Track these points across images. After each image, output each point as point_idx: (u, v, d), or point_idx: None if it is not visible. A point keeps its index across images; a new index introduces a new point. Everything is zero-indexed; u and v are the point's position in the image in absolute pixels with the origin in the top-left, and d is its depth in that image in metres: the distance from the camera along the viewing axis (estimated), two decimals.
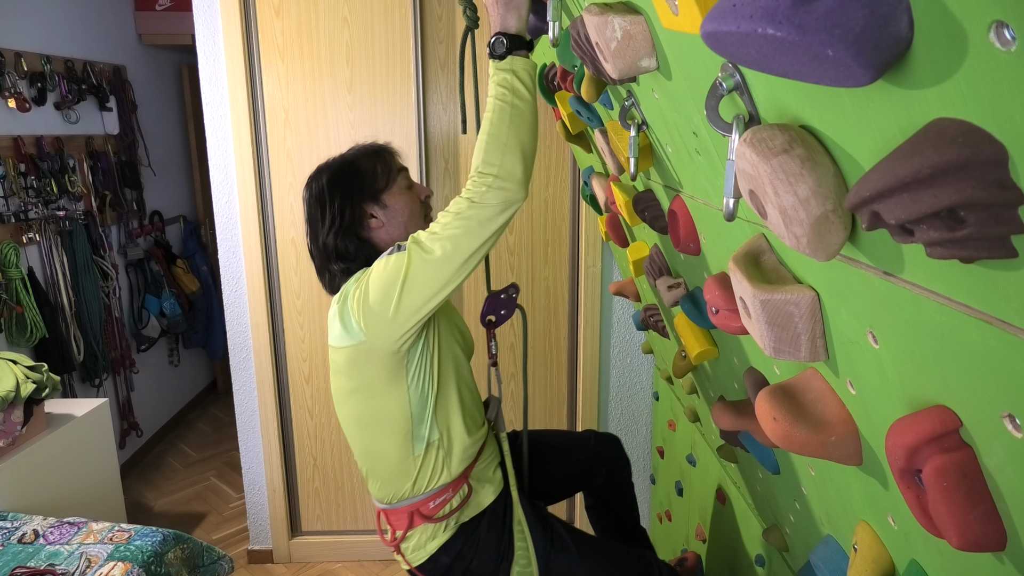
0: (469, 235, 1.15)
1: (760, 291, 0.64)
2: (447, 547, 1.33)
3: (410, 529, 1.33)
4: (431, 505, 1.31)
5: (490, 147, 1.14)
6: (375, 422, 1.30)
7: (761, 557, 1.43)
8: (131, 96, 3.43)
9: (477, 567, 1.33)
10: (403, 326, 1.19)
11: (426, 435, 1.29)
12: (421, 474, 1.31)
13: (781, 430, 0.66)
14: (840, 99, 0.46)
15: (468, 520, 1.34)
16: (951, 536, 0.48)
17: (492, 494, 1.37)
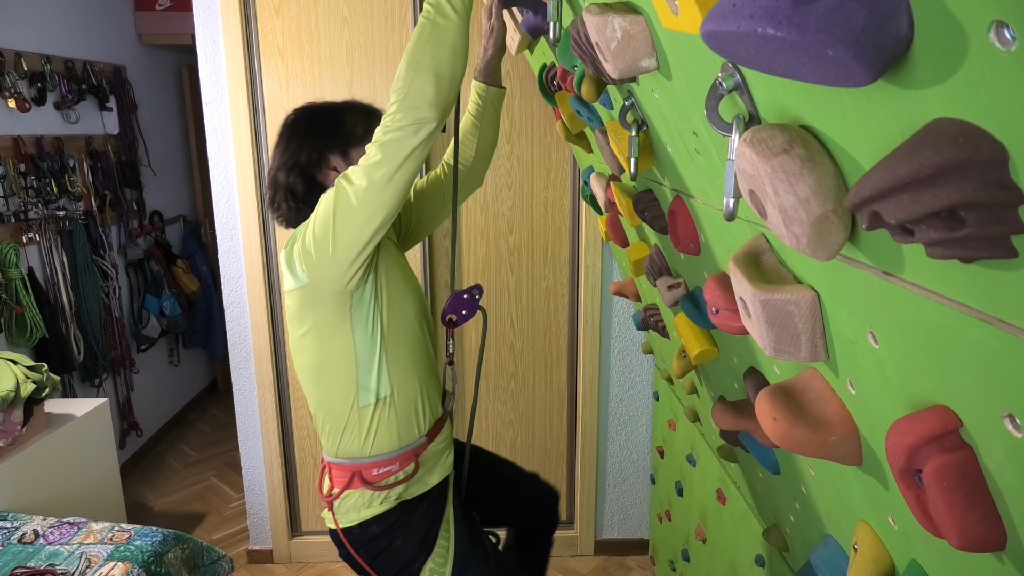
0: (386, 161, 1.15)
1: (760, 291, 0.64)
2: (381, 518, 1.33)
3: (347, 489, 1.33)
4: (375, 472, 1.31)
5: (404, 66, 1.15)
6: (324, 368, 1.30)
7: (761, 557, 1.43)
8: (131, 96, 3.43)
9: (400, 547, 1.33)
10: (343, 262, 1.19)
11: (374, 387, 1.29)
12: (370, 432, 1.31)
13: (781, 430, 0.66)
14: (840, 99, 0.46)
15: (410, 499, 1.35)
16: (951, 536, 0.48)
17: (439, 477, 1.38)
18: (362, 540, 1.34)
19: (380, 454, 1.32)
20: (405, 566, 1.33)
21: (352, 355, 1.28)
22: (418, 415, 1.34)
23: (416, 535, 1.33)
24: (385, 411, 1.31)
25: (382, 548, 1.33)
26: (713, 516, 1.76)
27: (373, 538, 1.33)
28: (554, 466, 2.63)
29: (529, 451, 2.62)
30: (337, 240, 1.18)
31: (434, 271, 2.44)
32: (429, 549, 1.34)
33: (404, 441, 1.33)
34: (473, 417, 1.59)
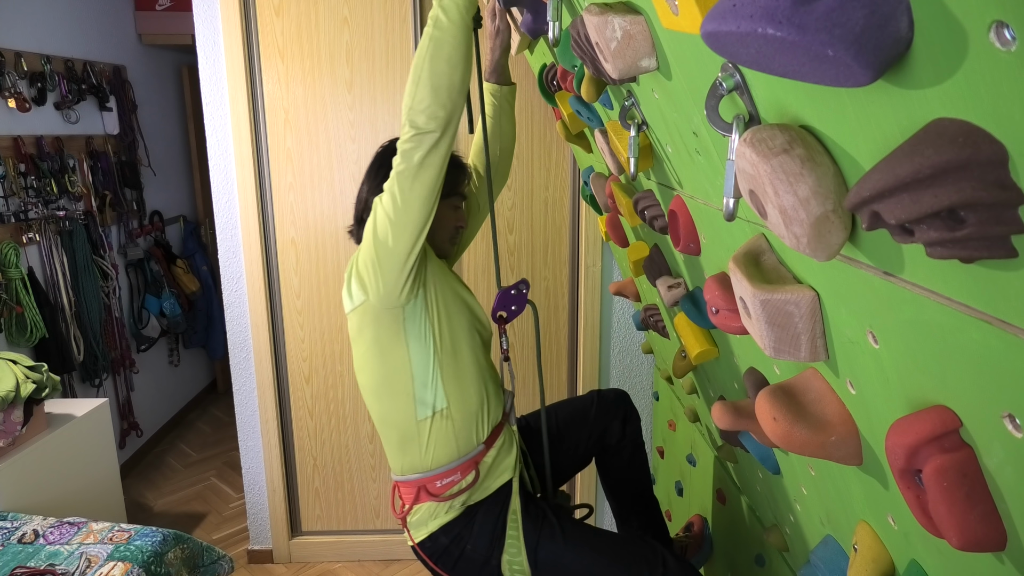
0: (406, 175, 1.19)
1: (760, 291, 0.64)
2: (448, 527, 1.36)
3: (416, 504, 1.37)
4: (438, 484, 1.34)
5: (408, 85, 1.18)
6: (383, 384, 1.34)
7: (761, 557, 1.43)
8: (131, 96, 3.43)
9: (471, 551, 1.35)
10: (391, 276, 1.23)
11: (431, 400, 1.32)
12: (429, 445, 1.34)
13: (781, 430, 0.66)
14: (840, 99, 0.46)
15: (474, 504, 1.37)
16: (951, 536, 0.48)
17: (501, 481, 1.39)
18: (436, 552, 1.38)
19: (440, 466, 1.35)
20: (483, 566, 1.36)
21: (408, 369, 1.31)
22: (477, 424, 1.37)
23: (483, 536, 1.36)
24: (442, 423, 1.34)
25: (456, 557, 1.36)
26: (713, 516, 1.76)
27: (444, 549, 1.37)
28: None
29: None
30: (380, 255, 1.22)
31: None
32: (500, 544, 1.35)
33: (463, 451, 1.35)
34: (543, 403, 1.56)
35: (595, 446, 1.67)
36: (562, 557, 1.36)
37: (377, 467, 2.63)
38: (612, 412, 1.65)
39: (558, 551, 1.36)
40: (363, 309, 1.30)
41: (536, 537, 1.36)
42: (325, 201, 2.38)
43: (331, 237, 2.41)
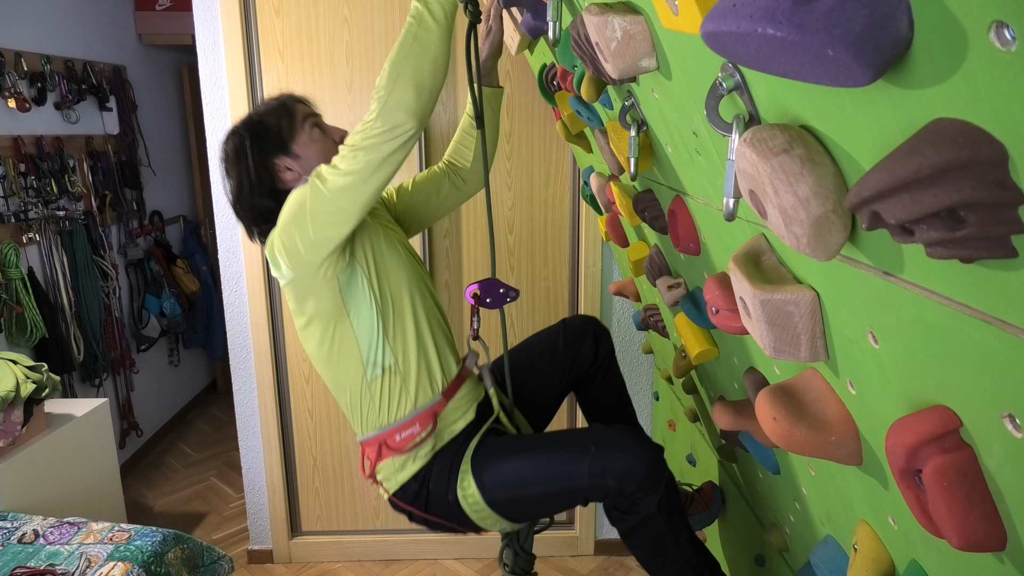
0: (362, 164, 1.17)
1: (760, 291, 0.64)
2: (417, 475, 1.36)
3: (380, 460, 1.37)
4: (397, 438, 1.34)
5: (386, 74, 1.17)
6: (330, 352, 1.34)
7: (761, 557, 1.44)
8: (131, 96, 3.43)
9: (434, 490, 1.36)
10: (318, 256, 1.23)
11: (379, 359, 1.32)
12: (383, 402, 1.34)
13: (781, 430, 0.66)
14: (840, 99, 0.46)
15: (440, 449, 1.37)
16: (951, 536, 0.48)
17: (463, 424, 1.39)
18: (409, 498, 1.38)
19: (397, 420, 1.34)
20: (446, 505, 1.35)
21: (352, 334, 1.31)
22: (431, 377, 1.36)
23: (441, 474, 1.35)
24: (394, 380, 1.33)
25: (425, 498, 1.36)
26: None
27: (415, 493, 1.37)
28: None
29: None
30: (309, 235, 1.21)
31: (434, 271, 2.44)
32: (455, 479, 1.34)
33: (419, 403, 1.35)
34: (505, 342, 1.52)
35: (570, 375, 1.62)
36: (501, 473, 1.33)
37: None
38: (581, 335, 1.62)
39: (496, 467, 1.34)
40: (294, 284, 1.29)
41: (481, 462, 1.34)
42: None
43: None
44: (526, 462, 1.32)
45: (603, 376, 1.63)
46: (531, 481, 1.30)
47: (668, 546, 1.28)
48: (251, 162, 1.33)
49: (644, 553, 1.33)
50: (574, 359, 1.62)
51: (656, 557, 1.32)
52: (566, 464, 1.28)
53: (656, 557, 1.32)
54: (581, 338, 1.61)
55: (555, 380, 1.61)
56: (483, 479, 1.33)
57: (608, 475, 1.24)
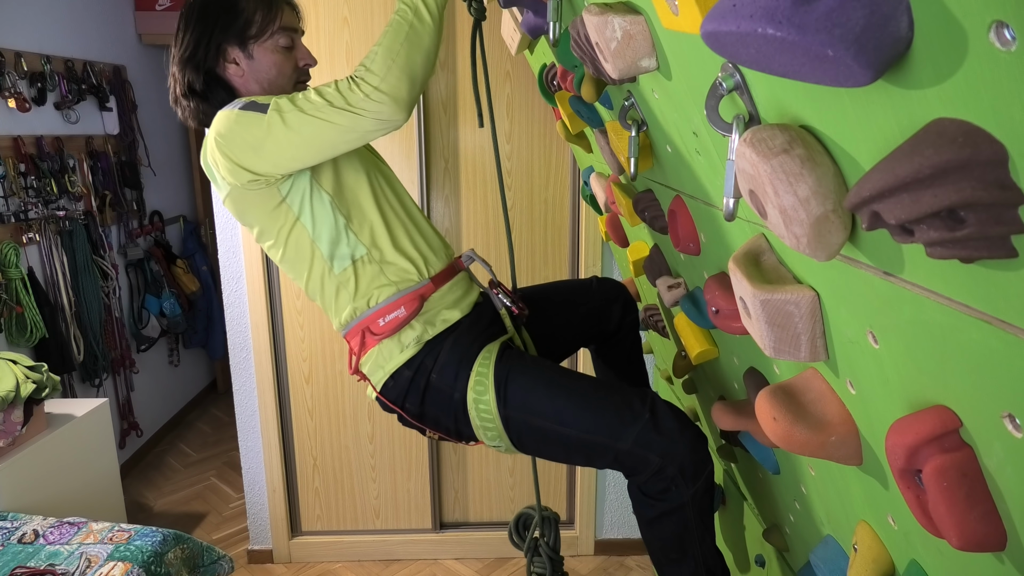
0: (333, 129, 1.12)
1: (760, 291, 0.64)
2: (409, 362, 1.25)
3: (365, 350, 1.27)
4: (381, 322, 1.25)
5: (380, 57, 1.12)
6: (291, 255, 1.27)
7: (761, 557, 1.44)
8: (131, 96, 3.43)
9: (437, 380, 1.25)
10: (259, 178, 1.17)
11: (346, 252, 1.25)
12: (359, 288, 1.26)
13: (781, 430, 0.66)
14: (840, 99, 0.46)
15: (432, 338, 1.26)
16: (951, 536, 0.48)
17: (460, 314, 1.29)
18: (401, 390, 1.26)
19: (379, 303, 1.26)
20: (449, 400, 1.24)
21: (308, 236, 1.24)
22: (413, 263, 1.27)
23: (450, 365, 1.24)
24: (367, 267, 1.26)
25: (423, 387, 1.25)
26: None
27: (409, 382, 1.25)
28: (554, 466, 2.63)
29: None
30: (252, 164, 1.15)
31: None
32: (466, 377, 1.23)
33: (402, 286, 1.26)
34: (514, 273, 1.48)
35: (591, 331, 1.53)
36: (531, 395, 1.20)
37: (377, 467, 2.63)
38: (612, 297, 1.55)
39: (528, 387, 1.21)
40: (233, 195, 1.23)
41: (506, 372, 1.22)
42: None
43: None
44: (569, 400, 1.19)
45: (628, 347, 1.58)
46: (568, 421, 1.17)
47: (690, 543, 1.18)
48: (198, 34, 1.24)
49: (663, 546, 1.21)
50: (599, 317, 1.53)
51: (673, 553, 1.20)
52: (614, 421, 1.15)
53: (673, 553, 1.20)
54: (612, 300, 1.54)
55: (574, 329, 1.51)
56: (507, 392, 1.20)
57: (654, 448, 1.13)
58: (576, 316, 1.52)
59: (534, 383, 1.21)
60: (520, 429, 1.21)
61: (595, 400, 1.18)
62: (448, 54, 2.28)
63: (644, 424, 1.14)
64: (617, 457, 1.16)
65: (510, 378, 1.21)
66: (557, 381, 1.22)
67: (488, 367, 1.22)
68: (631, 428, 1.14)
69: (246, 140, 1.14)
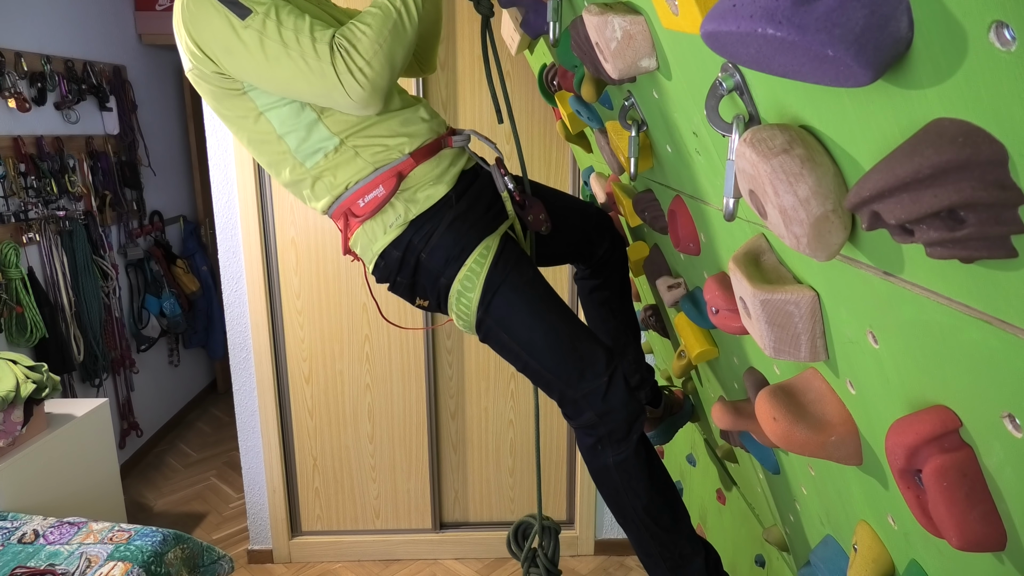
0: (304, 80, 1.10)
1: (760, 291, 0.64)
2: (396, 242, 1.23)
3: (349, 232, 1.25)
4: (360, 203, 1.22)
5: (368, 40, 1.10)
6: (257, 142, 1.23)
7: (761, 557, 1.44)
8: (131, 96, 3.43)
9: (426, 260, 1.23)
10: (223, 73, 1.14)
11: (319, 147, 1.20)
12: (336, 174, 1.22)
13: (781, 430, 0.66)
14: (840, 99, 0.46)
15: (418, 216, 1.22)
16: (951, 536, 0.48)
17: (445, 188, 1.24)
18: (392, 267, 1.25)
19: (356, 183, 1.22)
20: (435, 280, 1.23)
21: (273, 132, 1.20)
22: (389, 141, 1.22)
23: (439, 251, 1.22)
24: (343, 153, 1.21)
25: (412, 266, 1.24)
26: (713, 516, 1.76)
27: (399, 262, 1.24)
28: (554, 466, 2.63)
29: (529, 451, 2.62)
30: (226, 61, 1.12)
31: None
32: (456, 266, 1.21)
33: (379, 164, 1.22)
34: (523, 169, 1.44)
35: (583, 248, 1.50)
36: (513, 315, 1.21)
37: (377, 467, 2.63)
38: (607, 226, 1.53)
39: (513, 306, 1.21)
40: (196, 75, 1.19)
41: (499, 283, 1.21)
42: None
43: (331, 237, 2.41)
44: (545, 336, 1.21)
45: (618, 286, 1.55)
46: (535, 352, 1.21)
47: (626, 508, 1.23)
48: None
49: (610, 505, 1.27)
50: (589, 239, 1.49)
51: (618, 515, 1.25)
52: (574, 371, 1.19)
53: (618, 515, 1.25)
54: (605, 229, 1.52)
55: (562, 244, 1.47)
56: (492, 301, 1.20)
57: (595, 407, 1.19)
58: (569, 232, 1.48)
59: (520, 305, 1.22)
60: (488, 333, 1.24)
61: (567, 345, 1.21)
62: (448, 54, 2.28)
63: (598, 386, 1.19)
64: (562, 398, 1.22)
65: (500, 291, 1.20)
66: (541, 312, 1.23)
67: (482, 267, 1.21)
68: (585, 384, 1.19)
69: (217, 38, 1.10)
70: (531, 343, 1.21)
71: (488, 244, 1.22)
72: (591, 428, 1.20)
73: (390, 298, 1.45)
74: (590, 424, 1.20)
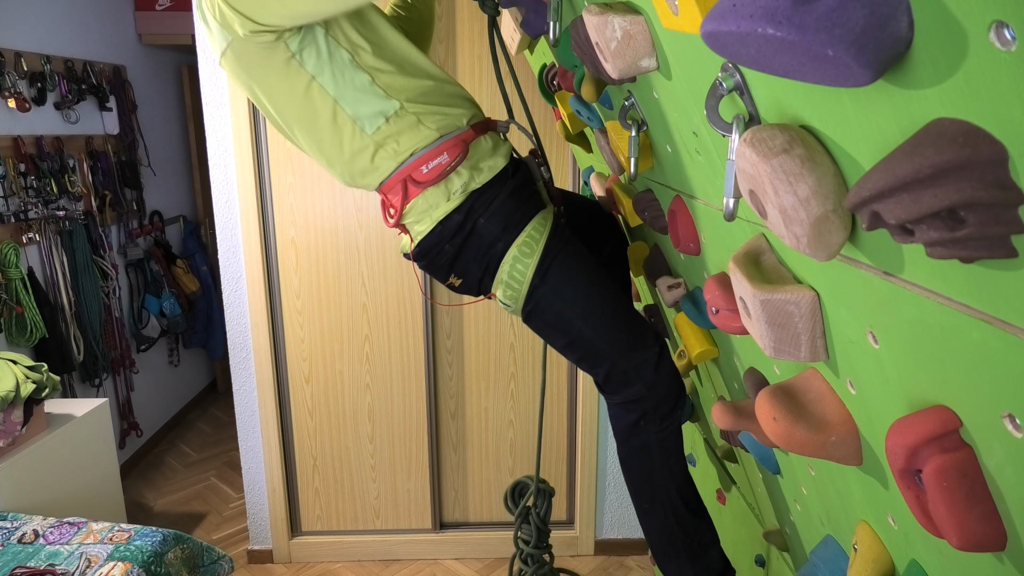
0: None
1: (760, 291, 0.64)
2: (460, 207, 1.20)
3: (407, 201, 1.21)
4: (424, 169, 1.18)
5: None
6: (308, 121, 1.18)
7: (761, 557, 1.44)
8: (131, 96, 3.43)
9: (483, 226, 1.20)
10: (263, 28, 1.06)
11: (377, 109, 1.16)
12: (399, 140, 1.18)
13: (781, 430, 0.66)
14: (840, 99, 0.46)
15: (481, 186, 1.21)
16: (951, 536, 0.48)
17: (503, 160, 1.23)
18: (447, 234, 1.21)
19: (421, 149, 1.18)
20: (488, 247, 1.21)
21: (328, 98, 1.14)
22: (450, 109, 1.20)
23: (499, 216, 1.20)
24: (405, 119, 1.17)
25: (468, 231, 1.20)
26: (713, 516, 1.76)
27: (458, 226, 1.20)
28: (554, 466, 2.63)
29: (529, 451, 2.62)
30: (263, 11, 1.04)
31: None
32: (515, 232, 1.20)
33: (443, 131, 1.19)
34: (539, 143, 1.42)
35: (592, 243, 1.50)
36: (572, 282, 1.21)
37: (377, 467, 2.63)
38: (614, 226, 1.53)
39: (572, 273, 1.21)
40: (235, 51, 1.11)
41: (558, 249, 1.20)
42: (325, 201, 2.38)
43: (331, 237, 2.41)
44: (603, 303, 1.21)
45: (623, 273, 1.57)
46: (592, 320, 1.20)
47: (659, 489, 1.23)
48: None
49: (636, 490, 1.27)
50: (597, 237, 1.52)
51: (645, 501, 1.25)
52: (628, 340, 1.20)
53: (645, 501, 1.25)
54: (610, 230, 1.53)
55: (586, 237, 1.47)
56: (550, 267, 1.19)
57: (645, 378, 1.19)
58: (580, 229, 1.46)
59: (579, 271, 1.22)
60: (540, 303, 1.22)
61: (621, 315, 1.23)
62: (448, 54, 2.28)
63: (650, 355, 1.21)
64: (611, 370, 1.22)
65: (559, 258, 1.20)
66: (599, 281, 1.24)
67: (542, 234, 1.20)
68: (638, 353, 1.20)
69: None
70: (589, 309, 1.21)
71: (545, 215, 1.23)
72: (636, 403, 1.20)
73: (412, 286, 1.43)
74: (636, 398, 1.20)
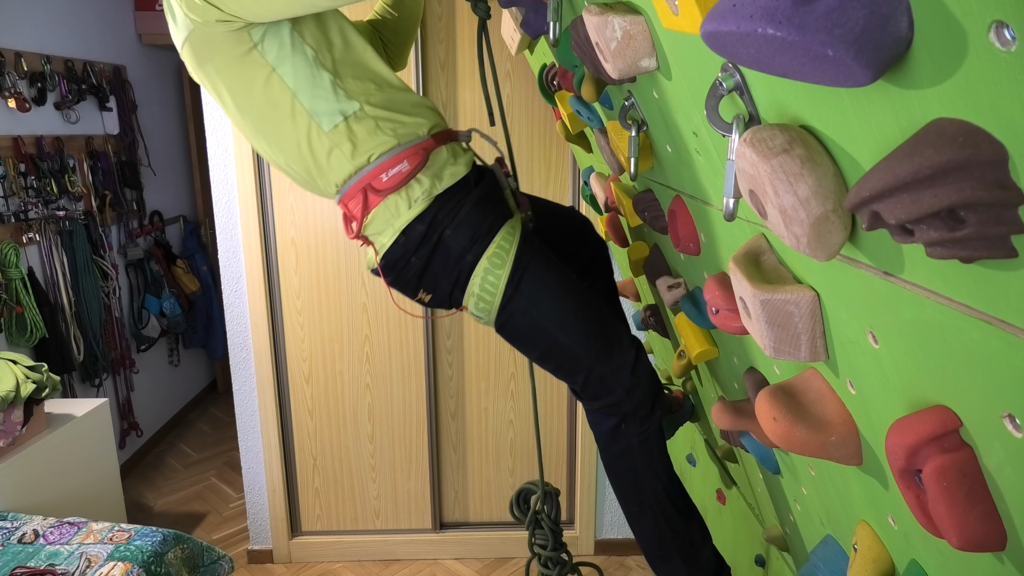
0: None
1: (760, 291, 0.64)
2: (421, 216, 1.16)
3: (368, 211, 1.17)
4: (383, 178, 1.15)
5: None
6: (266, 112, 1.14)
7: (761, 557, 1.44)
8: (131, 96, 3.43)
9: (451, 237, 1.17)
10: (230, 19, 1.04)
11: (335, 107, 1.13)
12: (355, 144, 1.14)
13: (781, 430, 0.66)
14: (840, 99, 0.46)
15: (444, 191, 1.18)
16: (951, 536, 0.48)
17: (465, 168, 1.21)
18: (412, 244, 1.17)
19: (381, 156, 1.15)
20: (457, 260, 1.18)
21: (287, 90, 1.11)
22: (410, 117, 1.18)
23: (466, 227, 1.17)
24: (363, 122, 1.14)
25: (433, 243, 1.17)
26: (713, 516, 1.76)
27: (422, 236, 1.16)
28: (554, 466, 2.63)
29: (529, 451, 2.62)
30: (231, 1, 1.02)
31: None
32: (484, 243, 1.17)
33: (403, 140, 1.16)
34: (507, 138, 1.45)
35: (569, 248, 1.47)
36: (545, 291, 1.19)
37: (377, 467, 2.63)
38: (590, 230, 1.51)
39: (546, 282, 1.19)
40: (196, 39, 1.08)
41: (530, 259, 1.19)
42: (325, 201, 2.38)
43: (331, 237, 2.41)
44: (577, 311, 1.20)
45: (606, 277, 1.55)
46: (567, 328, 1.19)
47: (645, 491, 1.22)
48: None
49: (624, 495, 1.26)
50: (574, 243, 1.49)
51: (634, 505, 1.24)
52: (604, 346, 1.19)
53: (634, 505, 1.24)
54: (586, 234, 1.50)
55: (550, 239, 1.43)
56: (522, 277, 1.17)
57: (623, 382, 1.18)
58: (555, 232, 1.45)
59: (551, 280, 1.21)
60: (515, 313, 1.20)
61: (597, 321, 1.22)
62: (448, 54, 2.28)
63: (627, 360, 1.20)
64: (589, 376, 1.21)
65: (531, 267, 1.19)
66: (570, 289, 1.23)
67: (511, 244, 1.18)
68: (616, 358, 1.20)
69: None
70: (564, 317, 1.20)
71: (513, 224, 1.21)
72: (615, 406, 1.20)
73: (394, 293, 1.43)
74: (616, 402, 1.20)
